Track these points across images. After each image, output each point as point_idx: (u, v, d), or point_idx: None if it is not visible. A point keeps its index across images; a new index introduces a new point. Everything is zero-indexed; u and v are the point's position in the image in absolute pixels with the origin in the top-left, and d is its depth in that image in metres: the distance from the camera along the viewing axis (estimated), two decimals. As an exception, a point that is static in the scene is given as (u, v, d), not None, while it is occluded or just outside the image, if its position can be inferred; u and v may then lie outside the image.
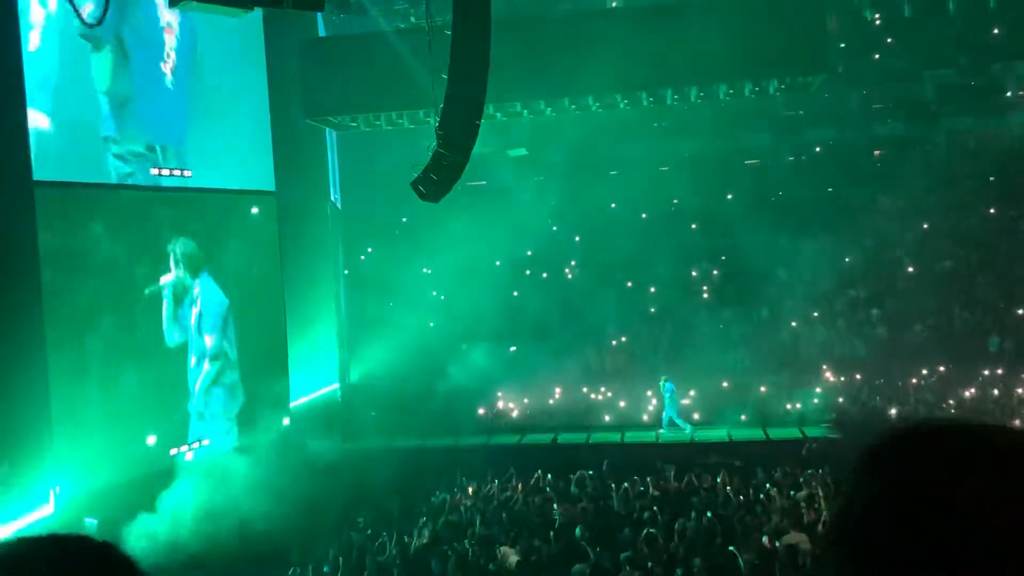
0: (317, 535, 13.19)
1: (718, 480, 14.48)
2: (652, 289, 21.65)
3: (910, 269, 20.96)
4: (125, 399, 13.81)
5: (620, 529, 12.21)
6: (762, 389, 19.41)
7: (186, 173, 15.37)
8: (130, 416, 13.87)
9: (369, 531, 13.53)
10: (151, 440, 14.27)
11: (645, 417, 19.38)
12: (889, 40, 21.16)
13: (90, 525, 12.11)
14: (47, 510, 11.99)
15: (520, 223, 21.19)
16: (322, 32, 20.08)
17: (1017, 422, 17.07)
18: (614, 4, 21.09)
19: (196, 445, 15.22)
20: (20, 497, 11.50)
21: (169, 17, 14.98)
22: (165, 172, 14.95)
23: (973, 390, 18.97)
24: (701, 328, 20.58)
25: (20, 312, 11.80)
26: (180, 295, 15.06)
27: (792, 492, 13.52)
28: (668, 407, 18.18)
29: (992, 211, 20.82)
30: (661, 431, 18.08)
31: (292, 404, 17.98)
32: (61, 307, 12.68)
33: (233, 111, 16.55)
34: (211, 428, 15.62)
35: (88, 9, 12.65)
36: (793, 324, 20.78)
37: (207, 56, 15.91)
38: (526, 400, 20.53)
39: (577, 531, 12.08)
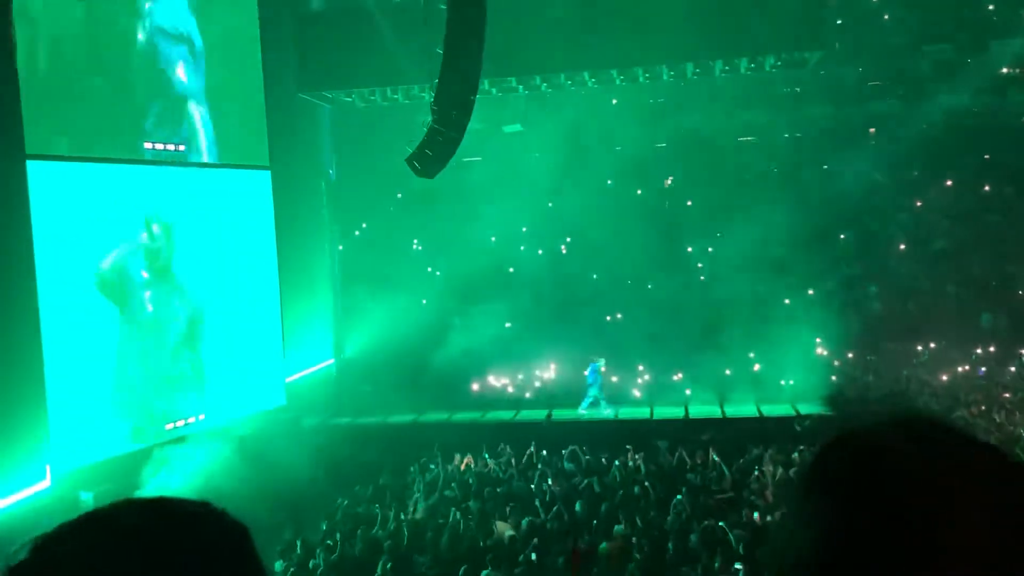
0: (310, 510, 13.26)
1: (711, 456, 14.58)
2: (647, 266, 21.64)
3: (903, 246, 21.01)
4: (119, 374, 13.83)
5: (614, 504, 12.30)
6: (755, 366, 19.50)
7: (180, 147, 15.31)
8: (125, 391, 13.91)
9: (363, 506, 13.61)
10: (145, 415, 14.31)
11: (637, 393, 19.49)
12: (886, 16, 21.06)
13: (85, 499, 12.17)
14: (43, 484, 12.04)
15: (515, 199, 21.16)
16: (317, 6, 19.93)
17: (1007, 395, 17.24)
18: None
19: (192, 420, 15.26)
20: (16, 471, 11.54)
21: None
22: (159, 146, 14.89)
23: (966, 366, 19.10)
24: (696, 305, 20.62)
25: (13, 287, 11.78)
26: (163, 268, 15.02)
27: (784, 469, 13.61)
28: (593, 386, 18.37)
29: (987, 188, 20.85)
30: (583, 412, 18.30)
31: (287, 380, 18.02)
32: (55, 282, 12.66)
33: (227, 85, 16.45)
34: (206, 403, 15.65)
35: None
36: (787, 301, 20.83)
37: (200, 30, 15.77)
38: (520, 376, 20.60)
39: (577, 506, 12.19)
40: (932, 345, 19.49)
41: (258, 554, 1.04)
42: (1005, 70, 20.19)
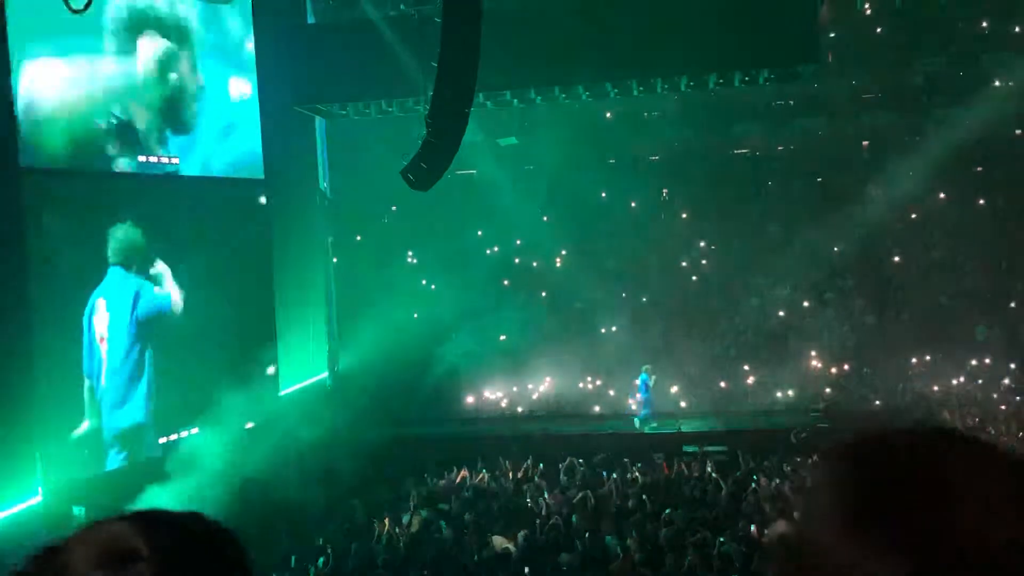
0: (305, 523, 13.19)
1: (707, 469, 14.55)
2: (642, 279, 21.67)
3: (898, 259, 21.06)
4: (111, 387, 13.76)
5: (610, 518, 12.25)
6: (751, 378, 19.50)
7: (173, 160, 15.28)
8: (117, 404, 13.84)
9: (358, 519, 13.54)
10: (137, 428, 14.24)
11: (633, 405, 19.45)
12: (879, 30, 21.17)
13: (78, 513, 12.08)
14: (35, 498, 11.96)
15: (510, 212, 21.18)
16: (311, 19, 19.96)
17: (1002, 407, 17.28)
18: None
19: (184, 434, 15.17)
20: (7, 485, 11.46)
21: (157, 3, 14.87)
22: (153, 159, 14.86)
23: (961, 379, 19.12)
24: (691, 317, 20.64)
25: (6, 300, 11.73)
26: (155, 280, 14.95)
27: (780, 481, 13.58)
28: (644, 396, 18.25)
29: (981, 201, 20.92)
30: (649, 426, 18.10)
31: (281, 392, 17.95)
32: (47, 296, 12.60)
33: (221, 98, 16.45)
34: (198, 416, 15.55)
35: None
36: (782, 313, 20.84)
37: (194, 42, 15.78)
38: (515, 389, 20.56)
39: (574, 519, 12.14)
40: (927, 357, 19.50)
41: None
42: (997, 83, 20.28)
